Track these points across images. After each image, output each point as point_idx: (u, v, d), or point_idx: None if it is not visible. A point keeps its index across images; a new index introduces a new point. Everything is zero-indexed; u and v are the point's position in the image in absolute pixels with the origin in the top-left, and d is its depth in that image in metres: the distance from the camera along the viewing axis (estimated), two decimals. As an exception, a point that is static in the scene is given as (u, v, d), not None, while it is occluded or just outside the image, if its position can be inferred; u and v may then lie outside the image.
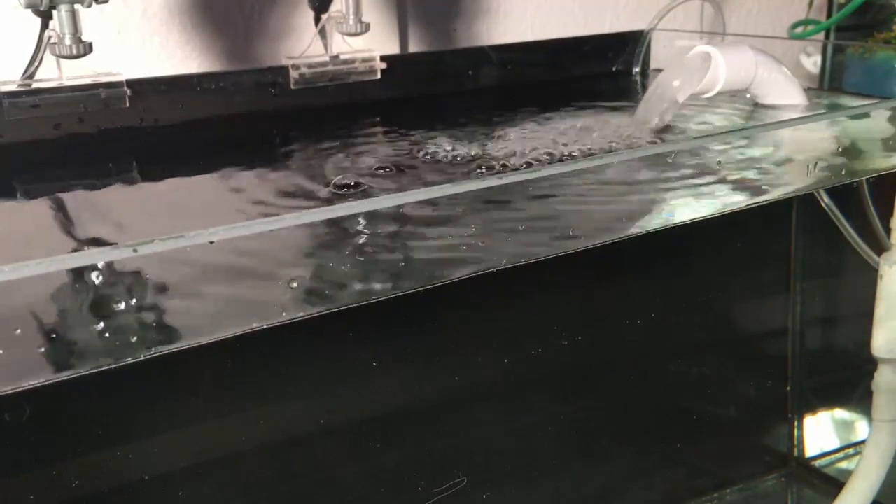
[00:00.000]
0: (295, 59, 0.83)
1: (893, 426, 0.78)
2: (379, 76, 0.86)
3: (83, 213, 0.60)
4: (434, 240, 0.45)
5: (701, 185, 0.53)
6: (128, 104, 0.75)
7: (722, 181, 0.54)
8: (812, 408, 1.02)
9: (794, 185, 0.58)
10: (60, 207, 0.60)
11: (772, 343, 1.01)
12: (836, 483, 0.90)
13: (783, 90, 0.73)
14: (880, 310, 0.74)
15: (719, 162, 0.54)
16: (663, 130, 0.66)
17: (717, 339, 1.01)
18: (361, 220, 0.42)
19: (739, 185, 0.55)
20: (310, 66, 0.84)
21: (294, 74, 0.83)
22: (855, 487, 0.79)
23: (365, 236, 0.43)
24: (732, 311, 1.00)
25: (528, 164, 0.60)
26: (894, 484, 0.82)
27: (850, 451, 1.00)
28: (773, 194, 0.56)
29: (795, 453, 1.01)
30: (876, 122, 0.61)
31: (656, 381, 0.94)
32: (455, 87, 0.93)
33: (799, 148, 0.58)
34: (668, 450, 0.95)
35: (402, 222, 0.44)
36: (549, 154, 0.61)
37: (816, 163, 0.57)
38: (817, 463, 1.01)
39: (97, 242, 0.53)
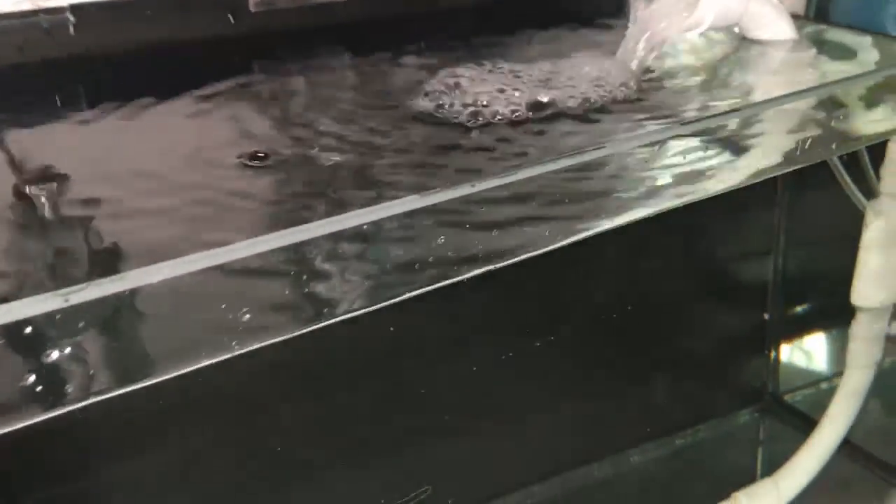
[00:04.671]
0: (253, -21, 0.77)
1: (866, 372, 0.76)
2: (341, -2, 0.80)
3: (22, 157, 0.56)
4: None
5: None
6: (72, 31, 0.70)
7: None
8: (789, 340, 1.01)
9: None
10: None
11: (751, 272, 0.98)
12: (808, 420, 0.90)
13: (773, 24, 0.68)
14: (863, 258, 0.71)
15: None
16: (644, 73, 0.62)
17: (695, 266, 0.98)
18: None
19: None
20: (270, -13, 0.78)
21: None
22: (824, 430, 0.78)
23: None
24: (713, 237, 0.97)
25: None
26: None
27: (825, 385, 0.99)
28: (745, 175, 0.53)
29: (770, 388, 1.00)
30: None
31: (630, 309, 0.92)
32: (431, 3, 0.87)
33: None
34: (641, 383, 0.94)
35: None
36: (506, 113, 0.56)
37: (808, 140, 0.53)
38: (791, 398, 1.00)
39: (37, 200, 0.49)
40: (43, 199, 0.50)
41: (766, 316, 0.99)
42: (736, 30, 0.70)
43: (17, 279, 0.38)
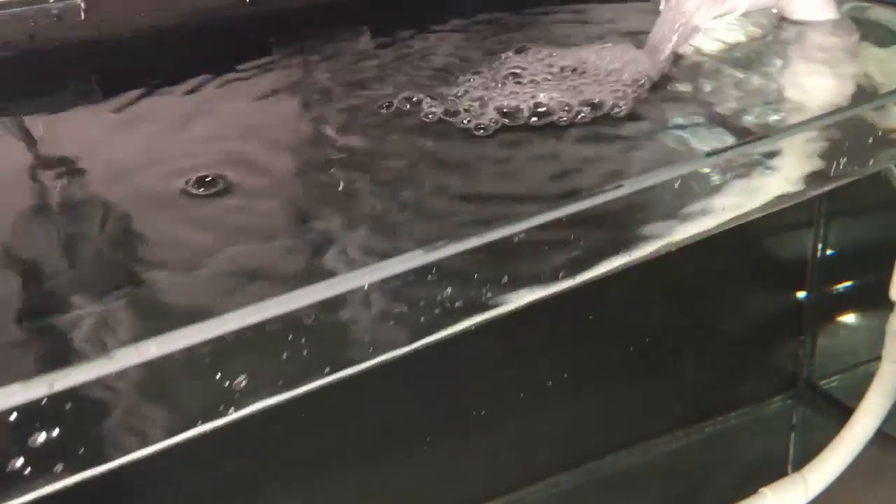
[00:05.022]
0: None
1: None
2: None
3: (39, 143, 0.56)
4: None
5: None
6: (83, 17, 0.68)
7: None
8: (827, 322, 0.97)
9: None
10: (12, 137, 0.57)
11: (789, 257, 0.95)
12: (842, 407, 0.87)
13: (813, 4, 0.64)
14: None
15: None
16: (676, 61, 0.59)
17: (728, 242, 0.95)
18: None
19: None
20: (288, -36, 0.75)
21: (269, -23, 0.74)
22: (856, 426, 0.76)
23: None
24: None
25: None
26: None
27: (861, 370, 0.96)
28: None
29: (805, 374, 0.97)
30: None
31: (658, 289, 0.89)
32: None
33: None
34: (671, 370, 0.91)
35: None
36: (517, 115, 0.54)
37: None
38: (827, 384, 0.97)
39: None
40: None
41: (804, 296, 0.96)
42: (774, 10, 0.67)
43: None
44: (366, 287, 0.36)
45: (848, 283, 0.97)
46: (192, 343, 0.32)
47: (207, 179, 0.48)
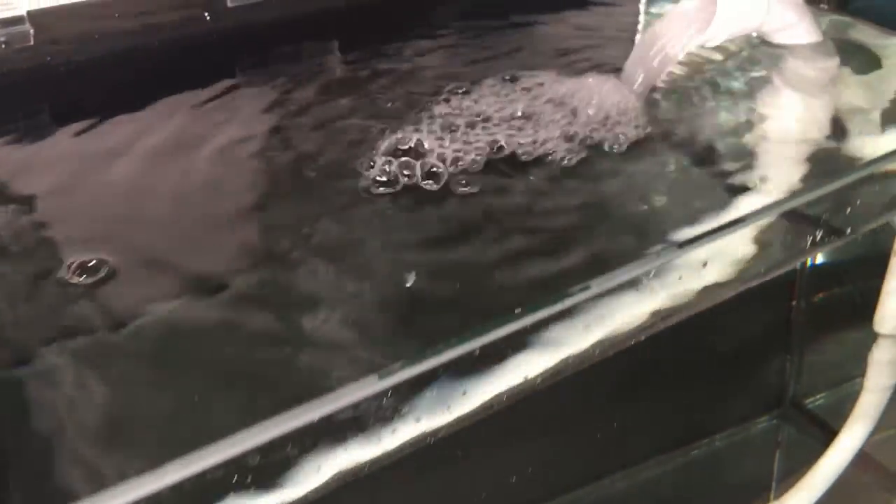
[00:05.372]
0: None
1: (883, 395, 0.75)
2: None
3: None
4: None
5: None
6: (32, 41, 0.66)
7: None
8: (814, 339, 0.95)
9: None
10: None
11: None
12: (827, 428, 0.85)
13: (796, 28, 0.62)
14: (889, 284, 0.66)
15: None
16: (651, 93, 0.56)
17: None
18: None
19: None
20: (250, -23, 0.72)
21: (230, -8, 0.71)
22: (834, 453, 0.76)
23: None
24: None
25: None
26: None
27: (847, 386, 0.94)
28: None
29: (791, 392, 0.95)
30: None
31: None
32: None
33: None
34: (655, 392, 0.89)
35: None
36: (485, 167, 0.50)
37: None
38: (813, 402, 0.95)
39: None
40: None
41: (792, 311, 0.93)
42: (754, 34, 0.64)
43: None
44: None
45: (836, 297, 0.94)
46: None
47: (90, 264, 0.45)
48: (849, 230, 0.49)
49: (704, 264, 0.44)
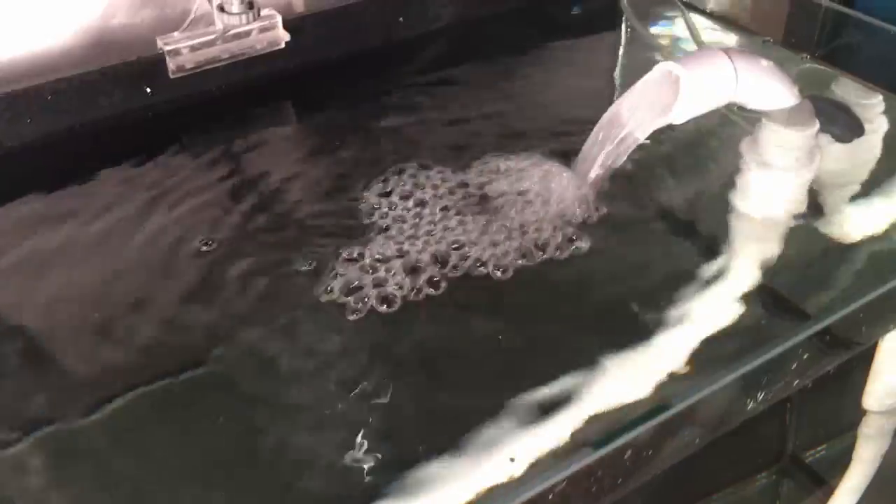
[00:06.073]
0: (172, 41, 0.68)
1: (871, 466, 0.73)
2: (283, 46, 0.73)
3: None
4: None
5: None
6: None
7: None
8: (812, 391, 0.91)
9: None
10: None
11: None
12: (827, 486, 0.81)
13: (771, 95, 0.57)
14: (878, 363, 0.65)
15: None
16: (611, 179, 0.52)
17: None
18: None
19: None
20: (193, 48, 0.69)
21: (172, 64, 0.68)
22: None
23: None
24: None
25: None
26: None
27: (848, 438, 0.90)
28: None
29: (790, 447, 0.91)
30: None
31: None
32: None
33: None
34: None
35: None
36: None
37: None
38: (811, 458, 0.91)
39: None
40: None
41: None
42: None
43: None
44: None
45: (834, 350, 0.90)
46: None
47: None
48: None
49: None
